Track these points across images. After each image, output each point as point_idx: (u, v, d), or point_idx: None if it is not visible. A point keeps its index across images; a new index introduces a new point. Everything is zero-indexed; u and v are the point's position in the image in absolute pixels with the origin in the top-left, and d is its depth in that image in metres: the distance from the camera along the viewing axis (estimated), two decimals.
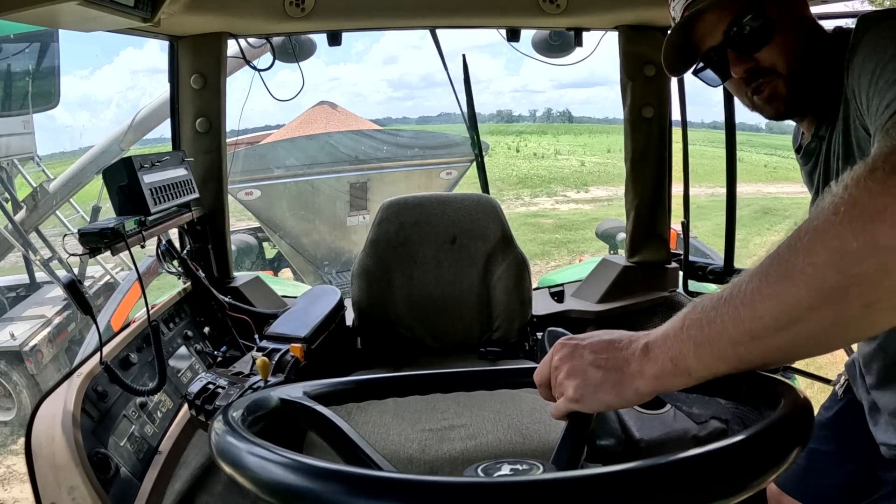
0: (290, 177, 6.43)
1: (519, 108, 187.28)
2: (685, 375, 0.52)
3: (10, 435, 4.74)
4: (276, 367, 1.34)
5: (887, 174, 0.42)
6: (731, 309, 0.48)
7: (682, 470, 0.39)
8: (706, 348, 0.50)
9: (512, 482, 0.38)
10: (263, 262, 7.08)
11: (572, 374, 0.59)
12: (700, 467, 0.40)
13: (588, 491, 0.37)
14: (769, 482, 0.40)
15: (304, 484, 0.40)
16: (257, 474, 0.43)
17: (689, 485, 0.38)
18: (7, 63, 5.57)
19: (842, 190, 0.44)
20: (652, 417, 1.57)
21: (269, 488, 0.42)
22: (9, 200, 5.66)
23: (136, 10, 1.19)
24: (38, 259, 5.36)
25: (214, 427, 0.50)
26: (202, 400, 1.26)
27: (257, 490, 0.43)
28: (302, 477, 0.40)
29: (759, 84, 0.90)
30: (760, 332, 0.47)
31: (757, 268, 0.47)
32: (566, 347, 0.61)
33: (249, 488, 0.43)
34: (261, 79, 1.99)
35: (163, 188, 1.52)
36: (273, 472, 0.42)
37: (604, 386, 0.57)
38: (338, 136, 6.84)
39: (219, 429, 0.49)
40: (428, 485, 0.38)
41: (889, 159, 0.43)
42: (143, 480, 1.29)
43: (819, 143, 0.93)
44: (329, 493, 0.39)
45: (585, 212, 15.02)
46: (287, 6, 1.65)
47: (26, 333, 4.74)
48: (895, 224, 0.40)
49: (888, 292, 0.42)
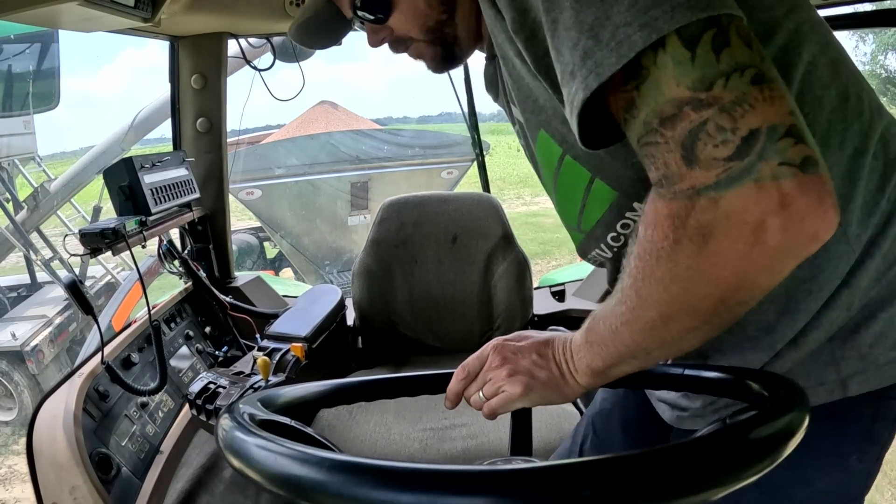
0: (290, 176, 6.43)
1: None
2: (603, 376, 0.62)
3: (11, 435, 4.75)
4: (277, 366, 1.34)
5: (694, 242, 0.47)
6: (619, 325, 0.56)
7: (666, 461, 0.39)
8: (612, 356, 0.59)
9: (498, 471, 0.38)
10: (264, 261, 7.08)
11: (518, 373, 0.66)
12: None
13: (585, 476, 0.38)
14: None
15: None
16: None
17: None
18: (8, 64, 5.58)
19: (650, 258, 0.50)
20: None
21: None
22: (10, 200, 5.67)
23: (136, 11, 1.19)
24: (39, 259, 5.37)
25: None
26: (203, 399, 1.26)
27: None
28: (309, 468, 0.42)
29: (401, 50, 0.82)
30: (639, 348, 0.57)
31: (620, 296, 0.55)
32: (507, 349, 0.68)
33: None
34: (261, 79, 1.99)
35: (164, 188, 1.52)
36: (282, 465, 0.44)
37: (549, 384, 0.65)
38: (338, 135, 6.84)
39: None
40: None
41: (688, 223, 0.46)
42: (144, 480, 1.29)
43: (495, 68, 0.78)
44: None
45: None
46: (287, 6, 1.65)
47: (27, 333, 4.75)
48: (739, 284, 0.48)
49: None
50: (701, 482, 0.39)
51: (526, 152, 0.80)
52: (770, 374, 0.58)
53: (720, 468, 0.40)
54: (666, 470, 0.38)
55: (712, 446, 0.41)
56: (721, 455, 0.40)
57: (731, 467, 0.40)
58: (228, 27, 1.77)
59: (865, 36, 11.54)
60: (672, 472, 0.38)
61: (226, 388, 1.25)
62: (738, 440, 0.42)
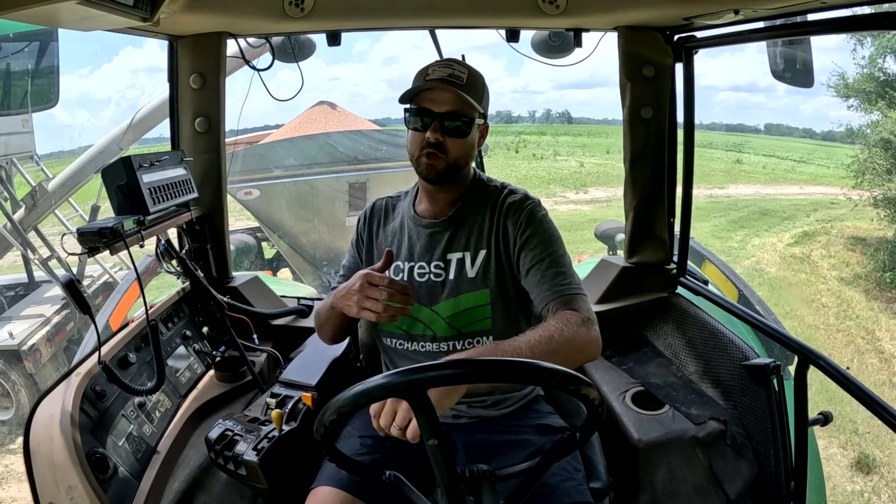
0: (289, 177, 6.42)
1: (518, 108, 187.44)
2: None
3: (8, 434, 4.74)
4: (289, 415, 1.40)
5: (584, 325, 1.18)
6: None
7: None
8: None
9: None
10: (262, 261, 7.07)
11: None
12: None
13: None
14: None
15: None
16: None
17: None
18: (6, 62, 5.57)
19: (567, 327, 1.15)
20: (651, 418, 1.57)
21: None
22: (8, 199, 5.66)
23: (135, 10, 1.19)
24: (36, 258, 5.36)
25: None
26: (222, 446, 1.31)
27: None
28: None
29: (433, 152, 1.32)
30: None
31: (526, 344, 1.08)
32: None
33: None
34: (260, 79, 1.99)
35: (162, 188, 1.52)
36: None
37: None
38: (337, 136, 6.82)
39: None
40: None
41: (579, 316, 1.19)
42: (141, 480, 1.29)
43: (449, 224, 1.41)
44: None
45: (584, 213, 15.02)
46: (286, 6, 1.65)
47: (25, 332, 4.74)
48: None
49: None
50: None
51: None
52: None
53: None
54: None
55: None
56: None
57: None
58: (227, 27, 1.77)
59: (864, 39, 11.56)
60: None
61: (242, 437, 1.32)
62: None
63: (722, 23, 1.63)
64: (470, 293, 1.36)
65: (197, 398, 1.60)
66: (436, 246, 1.40)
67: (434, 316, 1.38)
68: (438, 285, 1.38)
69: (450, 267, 1.38)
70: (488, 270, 1.36)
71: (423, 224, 1.43)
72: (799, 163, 26.04)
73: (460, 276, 1.37)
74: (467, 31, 2.01)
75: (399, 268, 1.43)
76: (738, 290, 3.72)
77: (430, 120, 1.31)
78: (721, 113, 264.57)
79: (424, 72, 1.35)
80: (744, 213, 15.11)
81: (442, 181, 1.36)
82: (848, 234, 12.42)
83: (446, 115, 1.30)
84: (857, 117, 12.37)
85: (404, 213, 1.48)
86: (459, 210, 1.41)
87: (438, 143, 1.30)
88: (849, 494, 4.17)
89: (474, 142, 1.37)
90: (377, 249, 1.48)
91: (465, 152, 1.35)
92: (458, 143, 1.32)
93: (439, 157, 1.32)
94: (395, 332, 1.42)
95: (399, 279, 1.40)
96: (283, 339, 1.95)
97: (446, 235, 1.40)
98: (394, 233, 1.47)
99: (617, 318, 1.99)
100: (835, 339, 7.59)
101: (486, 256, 1.36)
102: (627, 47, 1.85)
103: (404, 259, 1.42)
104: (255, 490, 1.38)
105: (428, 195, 1.44)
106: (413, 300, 1.22)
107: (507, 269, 1.35)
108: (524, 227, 1.34)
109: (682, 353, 1.81)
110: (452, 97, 1.29)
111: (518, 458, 1.06)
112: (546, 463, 0.97)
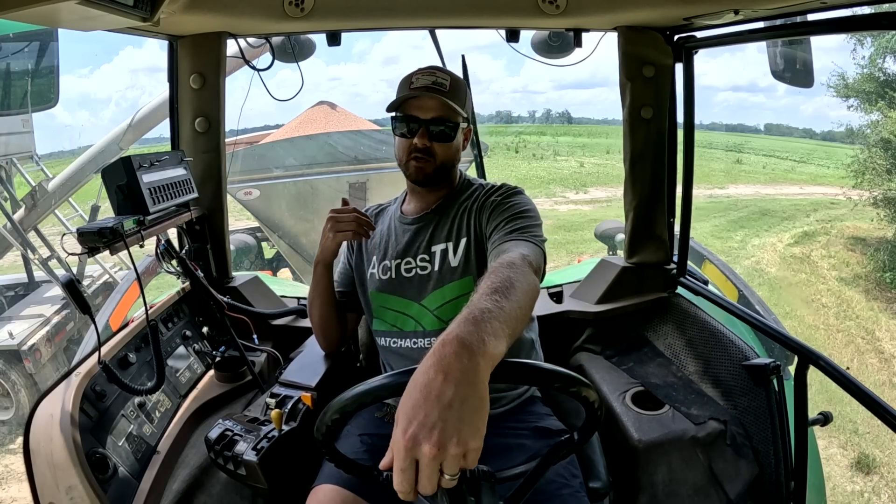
0: (289, 177, 6.41)
1: (519, 108, 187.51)
2: (498, 357, 0.75)
3: (8, 434, 4.74)
4: (288, 415, 1.40)
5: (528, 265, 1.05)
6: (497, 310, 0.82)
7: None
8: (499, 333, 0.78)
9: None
10: (262, 261, 7.07)
11: (435, 433, 0.66)
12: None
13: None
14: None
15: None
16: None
17: None
18: (6, 62, 5.57)
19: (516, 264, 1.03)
20: (651, 418, 1.57)
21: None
22: (8, 199, 5.66)
23: (135, 10, 1.19)
24: (36, 258, 5.36)
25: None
26: (221, 446, 1.31)
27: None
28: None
29: (421, 156, 1.39)
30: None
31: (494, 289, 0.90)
32: (412, 427, 0.67)
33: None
34: (260, 79, 1.99)
35: (162, 188, 1.52)
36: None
37: (464, 407, 0.67)
38: (337, 136, 6.81)
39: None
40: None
41: (526, 259, 1.07)
42: (141, 480, 1.29)
43: (432, 216, 1.48)
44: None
45: (584, 213, 15.03)
46: (286, 6, 1.65)
47: (25, 332, 4.74)
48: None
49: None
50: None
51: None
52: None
53: None
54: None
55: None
56: None
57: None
58: (227, 27, 1.77)
59: (864, 39, 11.55)
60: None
61: (242, 437, 1.32)
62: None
63: (722, 23, 1.63)
64: (455, 282, 1.40)
65: (197, 398, 1.60)
66: (420, 239, 1.46)
67: (423, 310, 1.42)
68: (425, 278, 1.43)
69: (434, 258, 1.43)
70: (469, 258, 1.40)
71: (408, 221, 1.50)
72: (799, 163, 26.05)
73: (444, 266, 1.41)
74: (467, 31, 2.01)
75: (387, 266, 1.48)
76: (738, 290, 3.71)
77: (416, 126, 1.39)
78: (721, 113, 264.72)
79: (409, 80, 1.41)
80: (744, 213, 15.11)
81: (431, 182, 1.46)
82: (848, 234, 12.41)
83: (432, 121, 1.38)
84: (856, 117, 12.39)
85: (392, 215, 1.56)
86: (443, 203, 1.49)
87: (426, 148, 1.39)
88: (849, 494, 4.17)
89: (459, 144, 1.46)
90: (366, 253, 1.55)
91: (451, 155, 1.44)
92: (445, 146, 1.42)
93: (428, 161, 1.40)
94: (389, 331, 1.47)
95: (388, 278, 1.47)
96: (283, 339, 1.95)
97: (430, 228, 1.47)
98: (381, 235, 1.54)
99: (617, 319, 2.00)
100: (835, 340, 7.59)
101: (467, 244, 1.41)
102: (627, 47, 1.85)
103: (392, 257, 1.48)
104: (255, 490, 1.38)
105: (416, 195, 1.53)
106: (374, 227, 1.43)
107: (486, 253, 1.37)
108: (497, 203, 1.39)
109: (682, 353, 1.81)
110: (437, 104, 1.37)
111: (516, 461, 1.06)
112: (544, 466, 0.96)
